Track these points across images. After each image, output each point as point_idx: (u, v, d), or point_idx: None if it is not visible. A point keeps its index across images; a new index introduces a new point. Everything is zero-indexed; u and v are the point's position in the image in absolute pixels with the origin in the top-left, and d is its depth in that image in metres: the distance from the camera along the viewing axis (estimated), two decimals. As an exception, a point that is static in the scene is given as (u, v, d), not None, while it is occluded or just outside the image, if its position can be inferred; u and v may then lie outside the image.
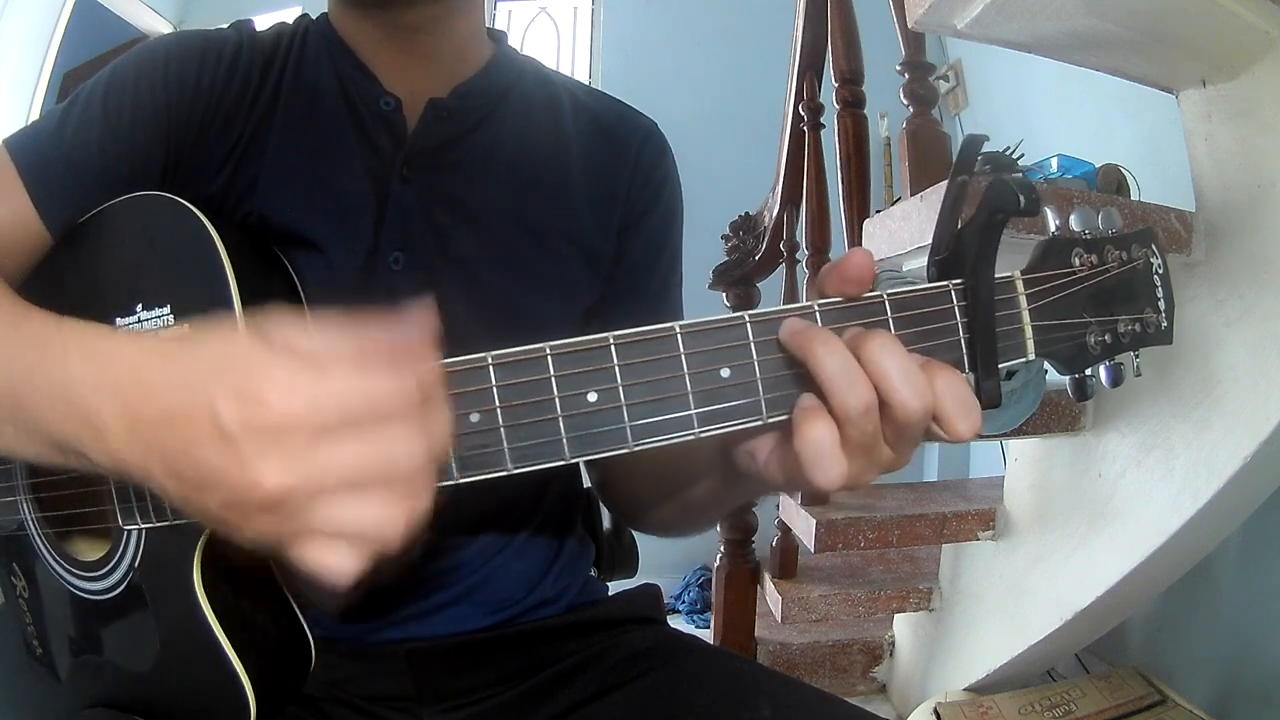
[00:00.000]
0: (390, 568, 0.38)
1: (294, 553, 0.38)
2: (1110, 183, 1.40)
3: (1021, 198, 0.41)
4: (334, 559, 0.37)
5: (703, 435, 0.43)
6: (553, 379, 0.43)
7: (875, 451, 0.44)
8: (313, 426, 0.35)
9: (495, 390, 0.43)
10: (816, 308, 0.44)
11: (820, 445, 0.42)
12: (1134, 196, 1.44)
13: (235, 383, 0.36)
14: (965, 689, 1.69)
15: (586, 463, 0.79)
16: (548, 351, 0.43)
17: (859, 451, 0.43)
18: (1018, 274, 0.46)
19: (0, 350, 0.46)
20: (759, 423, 0.44)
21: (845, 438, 0.42)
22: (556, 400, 0.43)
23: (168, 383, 0.38)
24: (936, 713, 1.61)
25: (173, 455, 0.38)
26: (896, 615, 2.01)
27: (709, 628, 2.23)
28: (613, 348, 0.43)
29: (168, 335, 0.42)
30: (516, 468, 0.43)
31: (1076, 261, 0.47)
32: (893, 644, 2.05)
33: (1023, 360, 0.46)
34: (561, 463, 0.43)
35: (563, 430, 0.43)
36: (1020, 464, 1.65)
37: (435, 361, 0.39)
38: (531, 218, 0.73)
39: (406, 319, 0.39)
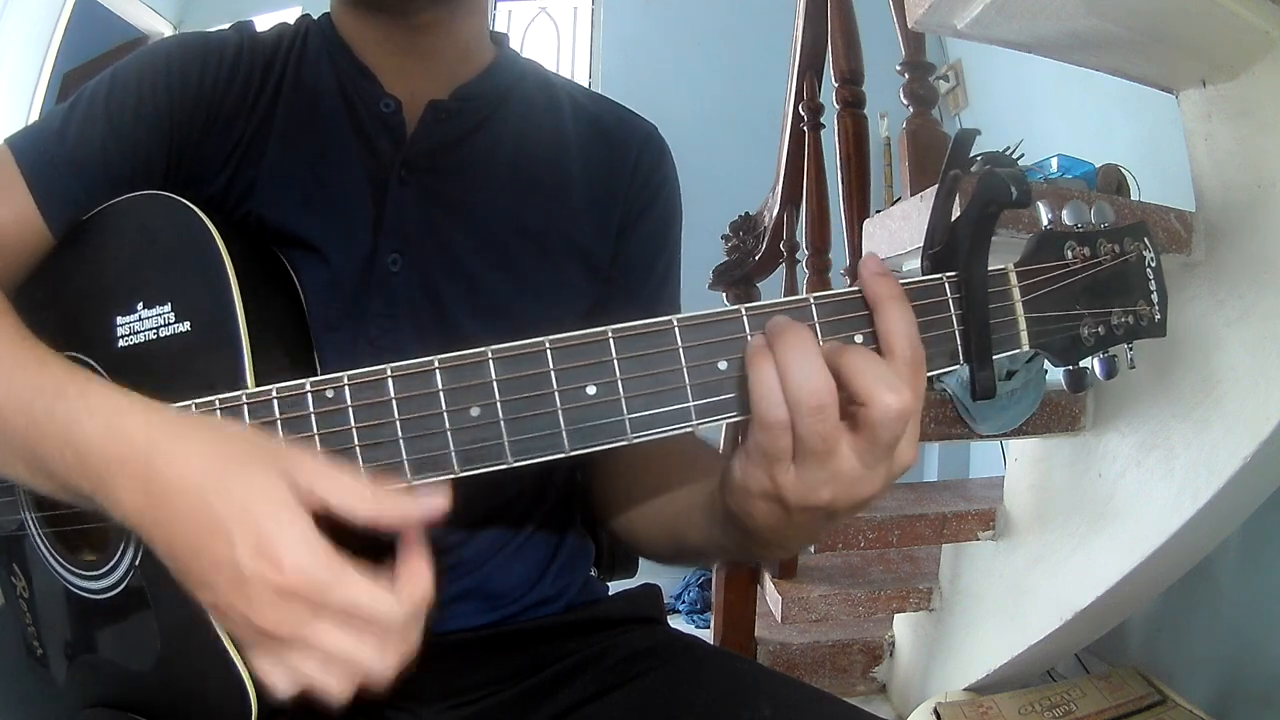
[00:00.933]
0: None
1: (250, 658, 0.43)
2: (1110, 183, 1.40)
3: (1014, 189, 0.42)
4: (280, 682, 0.43)
5: (700, 426, 0.44)
6: (552, 372, 0.43)
7: (831, 460, 0.43)
8: (315, 604, 0.41)
9: (495, 384, 0.43)
10: (813, 300, 0.44)
11: (768, 382, 0.42)
12: (1134, 196, 1.44)
13: (258, 534, 0.40)
14: (965, 689, 1.69)
15: (583, 489, 0.79)
16: (547, 345, 0.43)
17: (809, 456, 0.43)
18: (1011, 266, 0.47)
19: (20, 395, 0.47)
20: None
21: (796, 436, 0.43)
22: (556, 393, 0.43)
23: (189, 490, 0.42)
24: (936, 713, 1.61)
25: (179, 547, 0.43)
26: (896, 615, 2.01)
27: (709, 628, 2.23)
28: (611, 341, 0.43)
29: (177, 420, 0.45)
30: (516, 461, 0.43)
31: (1069, 254, 0.47)
32: (893, 644, 2.04)
33: (1018, 352, 0.46)
34: (561, 456, 0.44)
35: (562, 423, 0.43)
36: (1020, 464, 1.65)
37: (427, 584, 0.43)
38: (530, 220, 0.73)
39: (421, 502, 0.43)
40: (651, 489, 0.67)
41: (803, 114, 1.94)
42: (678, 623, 2.86)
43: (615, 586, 0.85)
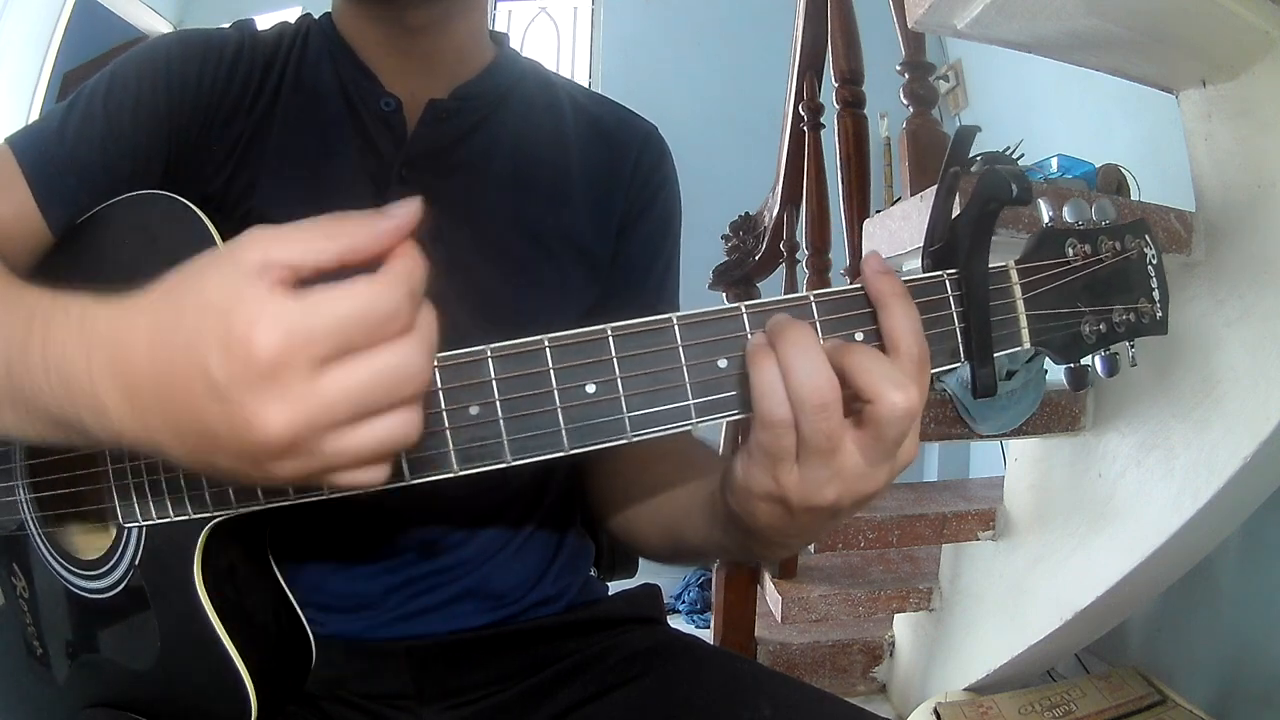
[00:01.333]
0: None
1: (325, 484, 0.37)
2: (1110, 183, 1.40)
3: (1014, 186, 0.42)
4: (364, 477, 0.37)
5: (700, 424, 0.44)
6: (551, 371, 0.43)
7: (835, 458, 0.43)
8: (308, 359, 0.34)
9: (494, 383, 0.43)
10: (812, 298, 0.44)
11: (769, 378, 0.42)
12: (1134, 196, 1.44)
13: (219, 331, 0.34)
14: (965, 689, 1.69)
15: (582, 493, 0.79)
16: (546, 344, 0.43)
17: (814, 455, 0.43)
18: (1012, 263, 0.46)
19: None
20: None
21: (800, 436, 0.42)
22: (555, 392, 0.43)
23: (155, 343, 0.36)
24: (936, 713, 1.60)
25: (174, 420, 0.36)
26: (896, 615, 2.01)
27: (709, 628, 2.23)
28: (610, 339, 0.43)
29: (142, 292, 0.39)
30: (515, 459, 0.43)
31: (1070, 251, 0.47)
32: (893, 644, 2.04)
33: (1018, 351, 0.46)
34: (561, 454, 0.44)
35: (562, 422, 0.43)
36: (1020, 464, 1.65)
37: (416, 259, 0.37)
38: (530, 220, 0.73)
39: (389, 213, 0.37)
40: (649, 488, 0.67)
41: (803, 114, 1.94)
42: (678, 623, 2.86)
43: (615, 586, 0.85)
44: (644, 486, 0.68)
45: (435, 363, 0.44)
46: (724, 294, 2.16)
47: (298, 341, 0.34)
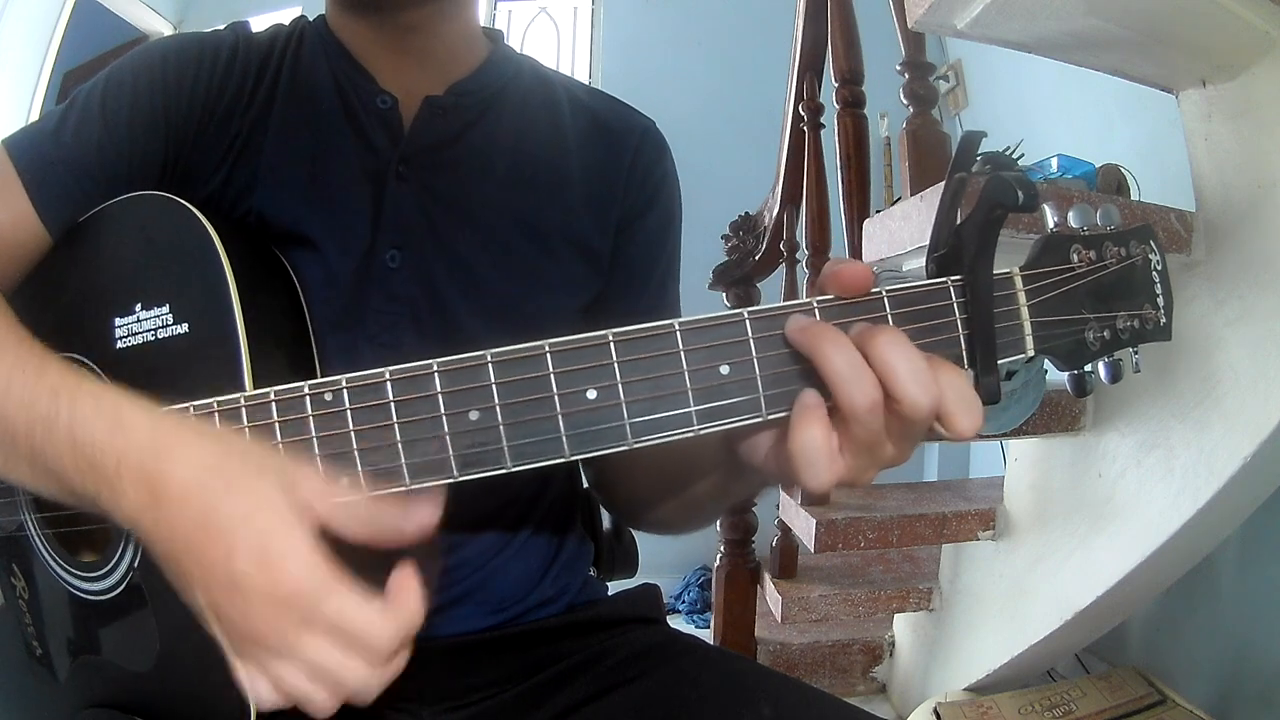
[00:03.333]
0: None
1: (237, 665, 0.44)
2: (1110, 183, 1.40)
3: (1020, 193, 0.41)
4: (262, 693, 0.44)
5: (702, 432, 0.43)
6: (552, 376, 0.43)
7: (879, 448, 0.44)
8: (306, 617, 0.41)
9: (494, 388, 0.43)
10: (815, 304, 0.44)
11: (813, 447, 0.42)
12: (1134, 196, 1.44)
13: (257, 542, 0.41)
14: (965, 689, 1.69)
15: (584, 462, 0.80)
16: (547, 349, 0.43)
17: (863, 448, 0.43)
18: (1016, 270, 0.46)
19: (21, 395, 0.48)
20: (758, 420, 0.44)
21: (850, 434, 0.43)
22: (556, 398, 0.43)
23: (191, 498, 0.42)
24: (936, 713, 1.60)
25: (178, 549, 0.43)
26: (896, 615, 2.01)
27: (709, 628, 2.23)
28: (612, 345, 0.43)
29: (181, 425, 0.45)
30: (516, 465, 0.43)
31: (1075, 257, 0.47)
32: (893, 644, 2.04)
33: (1022, 356, 0.46)
34: (561, 460, 0.43)
35: (562, 428, 0.43)
36: (1020, 464, 1.65)
37: (417, 606, 0.44)
38: (528, 215, 0.73)
39: (414, 513, 0.44)
40: (675, 476, 0.67)
41: (803, 114, 1.94)
42: (678, 623, 2.86)
43: (615, 586, 0.85)
44: (664, 477, 0.68)
45: (435, 367, 0.44)
46: (724, 294, 2.16)
47: (307, 604, 0.41)
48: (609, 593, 0.83)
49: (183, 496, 0.43)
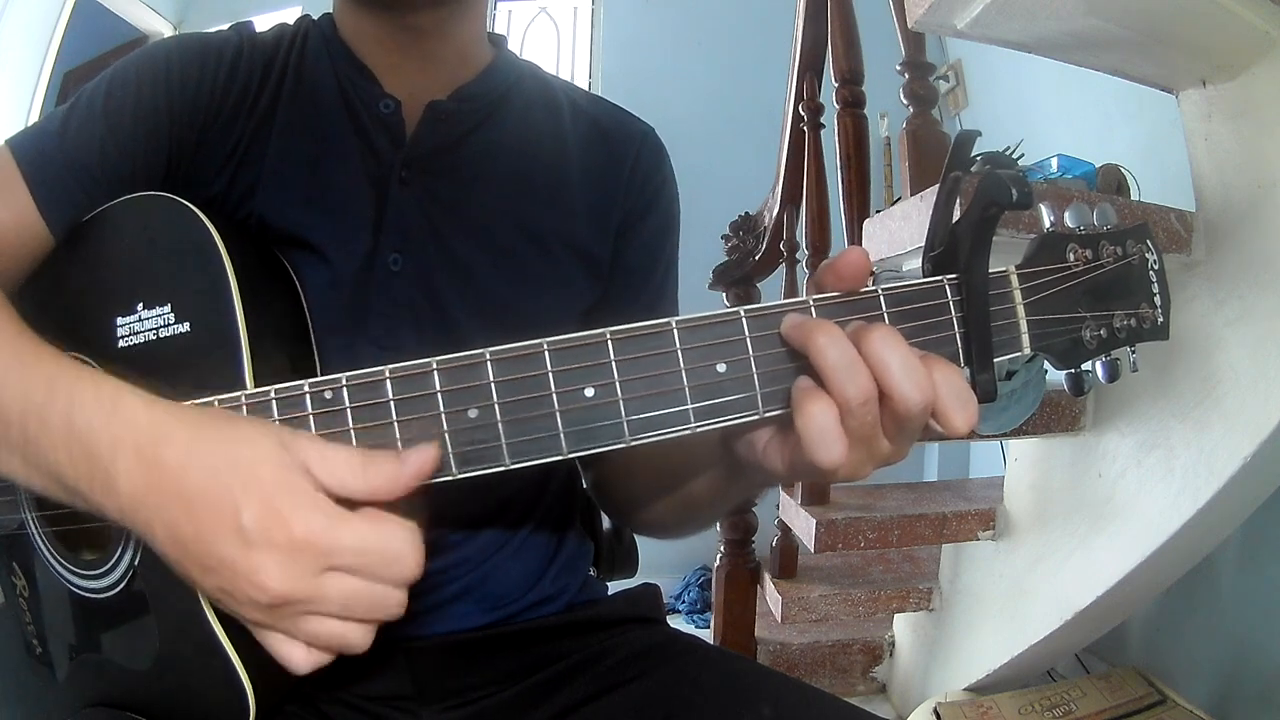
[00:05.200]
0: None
1: (265, 639, 0.44)
2: (1110, 183, 1.40)
3: (1014, 191, 0.42)
4: (299, 656, 0.43)
5: (699, 430, 0.44)
6: (550, 374, 0.43)
7: (874, 443, 0.44)
8: (326, 556, 0.41)
9: (493, 386, 0.43)
10: (812, 303, 0.44)
11: (823, 423, 0.42)
12: (1134, 196, 1.44)
13: (262, 494, 0.41)
14: (965, 689, 1.69)
15: (582, 461, 0.80)
16: (545, 347, 0.43)
17: (858, 442, 0.43)
18: (1012, 268, 0.46)
19: (15, 385, 0.47)
20: (755, 417, 0.44)
21: (844, 428, 0.43)
22: (554, 395, 0.43)
23: (192, 465, 0.42)
24: (936, 713, 1.61)
25: (181, 531, 0.42)
26: (896, 615, 2.01)
27: (709, 628, 2.23)
28: (609, 343, 0.43)
29: (178, 408, 0.45)
30: (514, 463, 0.43)
31: (1071, 256, 0.47)
32: (893, 644, 2.04)
33: (1021, 355, 0.46)
34: (559, 458, 0.44)
35: (560, 425, 0.43)
36: (1020, 464, 1.65)
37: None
38: (529, 220, 0.73)
39: (410, 460, 0.43)
40: (671, 477, 0.67)
41: (803, 114, 1.94)
42: (678, 623, 2.86)
43: (615, 586, 0.85)
44: (661, 477, 0.68)
45: (434, 365, 0.44)
46: (724, 294, 2.16)
47: (324, 543, 0.41)
48: (609, 593, 0.84)
49: (182, 467, 0.42)
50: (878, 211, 1.41)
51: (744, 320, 0.44)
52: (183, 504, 0.42)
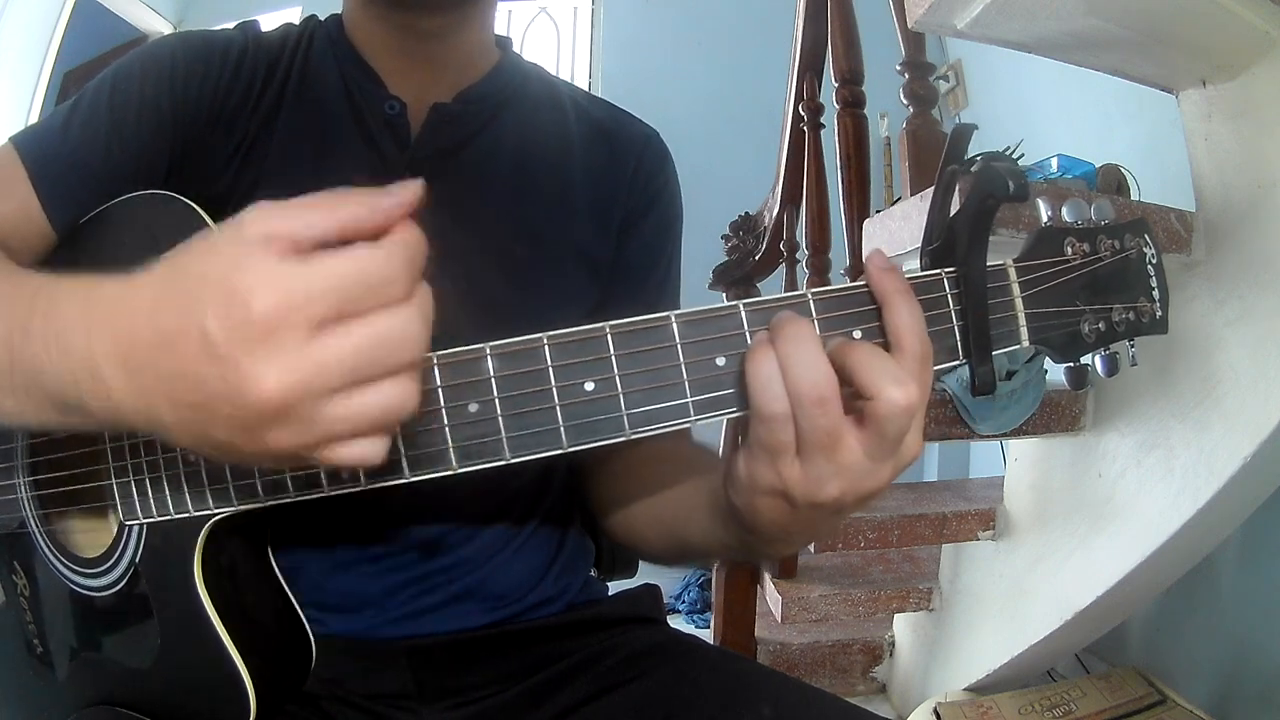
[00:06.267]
0: None
1: (321, 460, 0.37)
2: (1110, 183, 1.40)
3: (1011, 183, 0.42)
4: (360, 451, 0.37)
5: (699, 422, 0.44)
6: (550, 368, 0.43)
7: (836, 454, 0.43)
8: (304, 320, 0.34)
9: (493, 380, 0.43)
10: (810, 296, 0.44)
11: (761, 373, 0.42)
12: (1134, 196, 1.44)
13: (219, 293, 0.34)
14: (965, 689, 1.69)
15: (582, 482, 0.79)
16: (545, 342, 0.43)
17: (815, 450, 0.43)
18: (1010, 261, 0.47)
19: (1, 305, 0.45)
20: None
21: (798, 431, 0.42)
22: (554, 389, 0.43)
23: (155, 309, 0.37)
24: (936, 713, 1.60)
25: (169, 382, 0.36)
26: (896, 615, 2.01)
27: (709, 628, 2.23)
28: (609, 337, 0.43)
29: (154, 267, 0.39)
30: (515, 457, 0.44)
31: (1069, 250, 0.47)
32: (893, 644, 2.04)
33: (1018, 350, 0.46)
34: (559, 452, 0.44)
35: (560, 419, 0.43)
36: (1020, 464, 1.65)
37: (416, 233, 0.37)
38: (532, 223, 0.73)
39: (389, 192, 0.37)
40: (650, 488, 0.67)
41: (803, 114, 1.94)
42: (678, 623, 2.86)
43: (615, 586, 0.85)
44: (645, 486, 0.68)
45: (434, 360, 0.44)
46: (724, 294, 2.16)
47: (296, 300, 0.34)
48: (609, 593, 0.84)
49: (149, 313, 0.37)
50: (878, 211, 1.42)
51: (743, 314, 0.44)
52: (159, 349, 0.36)
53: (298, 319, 0.34)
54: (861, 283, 0.45)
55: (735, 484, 0.48)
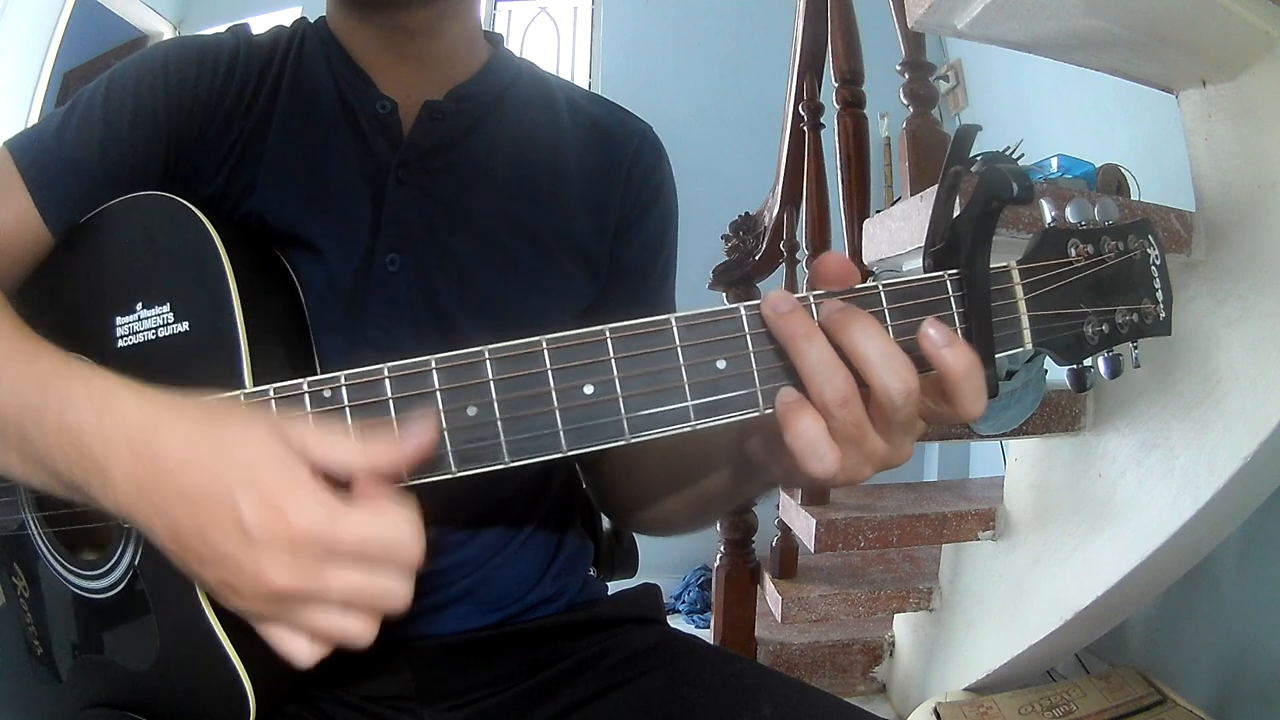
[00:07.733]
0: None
1: (268, 632, 0.43)
2: (1110, 183, 1.40)
3: (1015, 185, 0.42)
4: (302, 648, 0.43)
5: (699, 427, 0.44)
6: (549, 372, 0.43)
7: (865, 442, 0.44)
8: (326, 552, 0.41)
9: (492, 384, 0.43)
10: (812, 299, 0.44)
11: (810, 436, 0.43)
12: (1134, 196, 1.44)
13: (262, 491, 0.41)
14: (965, 689, 1.69)
15: (582, 462, 0.80)
16: (544, 345, 0.43)
17: (846, 443, 0.44)
18: (1013, 263, 0.46)
19: (11, 384, 0.47)
20: (755, 414, 0.44)
21: (830, 430, 0.43)
22: (553, 393, 0.43)
23: (189, 462, 0.42)
24: (936, 713, 1.60)
25: (181, 527, 0.42)
26: (896, 615, 2.01)
27: (709, 628, 2.23)
28: (609, 340, 0.43)
29: (170, 401, 0.45)
30: (513, 460, 0.43)
31: (1072, 252, 0.47)
32: (893, 644, 2.04)
33: (1021, 351, 0.46)
34: (559, 455, 0.44)
35: (559, 423, 0.43)
36: (1020, 464, 1.65)
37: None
38: (527, 220, 0.73)
39: (410, 434, 0.43)
40: (680, 481, 0.68)
41: (803, 114, 1.94)
42: (678, 623, 2.86)
43: (615, 587, 0.84)
44: (674, 480, 0.69)
45: (433, 363, 0.44)
46: (724, 294, 2.16)
47: (326, 537, 0.41)
48: (609, 593, 0.83)
49: (179, 464, 0.42)
50: (878, 211, 1.41)
51: (744, 317, 0.44)
52: (182, 501, 0.42)
53: (320, 550, 0.41)
54: (859, 285, 0.45)
55: (771, 471, 0.50)
